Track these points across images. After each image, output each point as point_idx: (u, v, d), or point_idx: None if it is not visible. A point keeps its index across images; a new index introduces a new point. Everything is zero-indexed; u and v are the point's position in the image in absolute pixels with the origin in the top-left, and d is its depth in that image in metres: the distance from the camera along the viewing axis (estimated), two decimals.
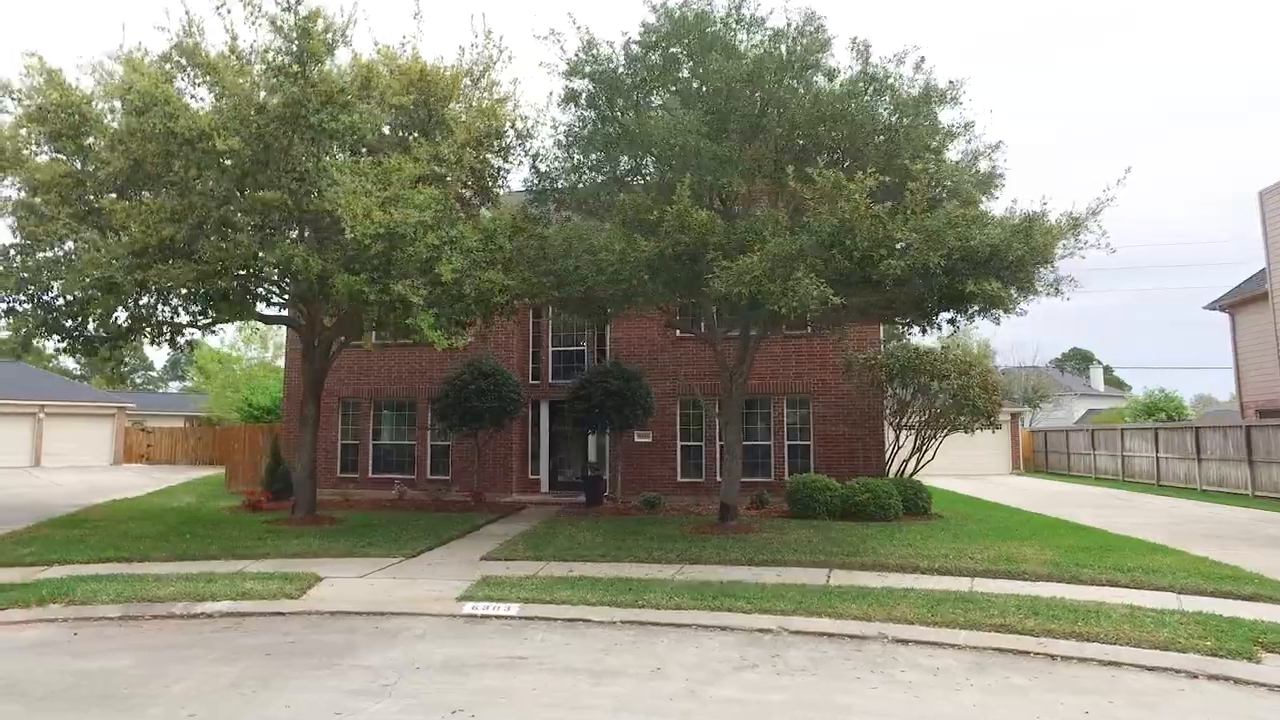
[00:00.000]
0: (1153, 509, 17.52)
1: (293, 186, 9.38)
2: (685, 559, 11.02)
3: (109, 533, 12.88)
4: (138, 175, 9.94)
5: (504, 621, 8.18)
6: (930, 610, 8.10)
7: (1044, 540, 12.18)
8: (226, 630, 7.76)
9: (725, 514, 13.34)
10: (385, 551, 11.54)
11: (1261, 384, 24.36)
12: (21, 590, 8.84)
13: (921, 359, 15.77)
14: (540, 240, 11.17)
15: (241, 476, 22.29)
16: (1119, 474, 28.14)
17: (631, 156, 10.73)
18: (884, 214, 8.96)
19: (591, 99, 10.93)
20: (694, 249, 9.30)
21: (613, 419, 16.26)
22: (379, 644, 7.23)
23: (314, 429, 14.38)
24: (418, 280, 9.71)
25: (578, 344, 20.47)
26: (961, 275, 8.96)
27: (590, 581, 9.49)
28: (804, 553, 11.28)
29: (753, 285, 8.79)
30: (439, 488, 19.06)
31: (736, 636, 7.68)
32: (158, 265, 9.55)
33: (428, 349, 19.91)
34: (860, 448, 18.02)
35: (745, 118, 10.19)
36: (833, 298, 8.62)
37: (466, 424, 16.77)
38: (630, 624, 8.07)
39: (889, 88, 10.31)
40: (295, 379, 20.62)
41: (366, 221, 8.74)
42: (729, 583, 9.40)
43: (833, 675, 6.45)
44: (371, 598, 9.02)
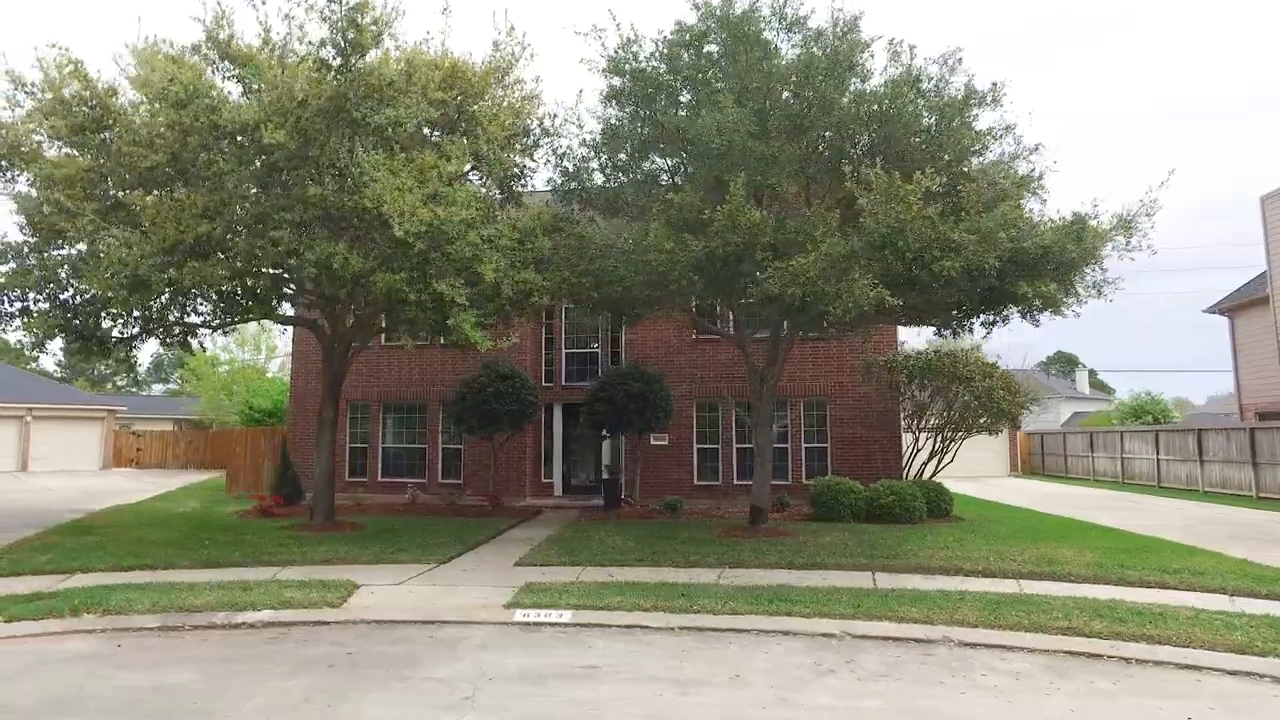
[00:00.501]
0: (1163, 511, 17.66)
1: (332, 183, 9.13)
2: (724, 563, 10.89)
3: (124, 540, 12.50)
4: (173, 170, 9.63)
5: (560, 629, 7.99)
6: (991, 613, 8.03)
7: (1075, 542, 12.19)
8: (275, 642, 7.50)
9: (755, 517, 13.23)
10: (416, 557, 11.29)
11: (1261, 387, 24.71)
12: (52, 600, 8.51)
13: (943, 361, 15.77)
14: (578, 240, 11.00)
15: (243, 480, 21.85)
16: (1118, 476, 28.41)
17: (675, 156, 10.56)
18: (935, 215, 8.90)
19: (634, 97, 10.75)
20: (743, 249, 9.18)
21: (635, 421, 16.09)
22: (441, 654, 7.02)
23: (332, 432, 14.10)
24: (455, 280, 9.49)
25: (590, 346, 20.29)
26: (1013, 276, 8.92)
27: (637, 587, 9.33)
28: (842, 556, 11.20)
29: (807, 286, 8.69)
30: (450, 492, 18.78)
31: (801, 641, 7.56)
32: (191, 263, 9.24)
33: (438, 350, 19.74)
34: (878, 450, 17.99)
35: (788, 117, 10.10)
36: (889, 298, 8.55)
37: (485, 427, 16.53)
38: (689, 630, 7.92)
39: (932, 89, 10.27)
40: (301, 381, 20.28)
41: (412, 219, 8.52)
42: (778, 587, 9.28)
43: (915, 680, 6.34)
44: (415, 606, 8.79)
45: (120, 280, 9.32)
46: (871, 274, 8.63)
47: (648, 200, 11.90)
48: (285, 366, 36.06)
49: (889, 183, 8.60)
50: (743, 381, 18.65)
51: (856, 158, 10.65)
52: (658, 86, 10.58)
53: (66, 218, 9.59)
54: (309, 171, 9.21)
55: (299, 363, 20.29)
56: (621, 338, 19.77)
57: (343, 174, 9.10)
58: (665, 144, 10.57)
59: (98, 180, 10.14)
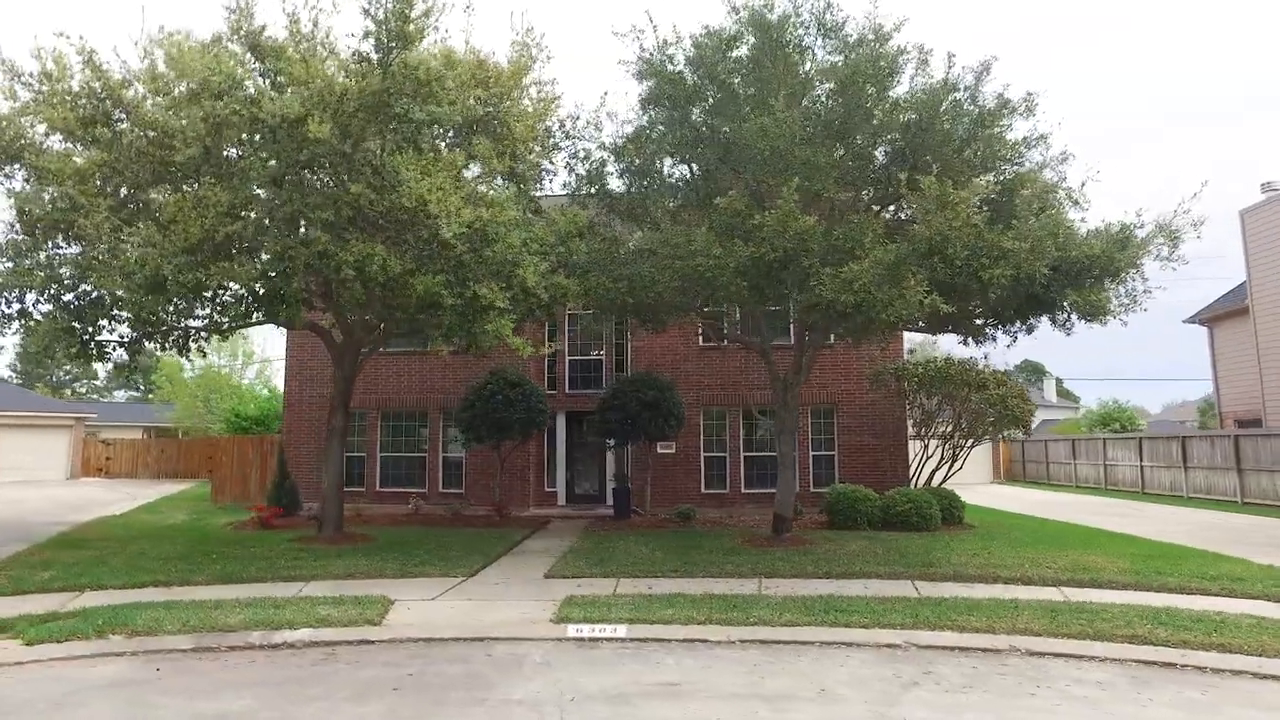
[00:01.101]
0: (1160, 516, 17.98)
1: (369, 181, 8.76)
2: (759, 572, 10.73)
3: (124, 554, 11.88)
4: (204, 165, 9.16)
5: (619, 645, 7.74)
6: (1051, 621, 8.00)
7: (1099, 549, 12.30)
8: (324, 663, 7.12)
9: (779, 526, 13.10)
10: (441, 571, 10.92)
11: (1240, 395, 25.45)
12: (71, 620, 7.99)
13: (956, 369, 15.88)
14: (612, 243, 10.79)
15: (229, 490, 21.12)
16: (1100, 482, 28.98)
17: (709, 160, 10.41)
18: (982, 223, 8.91)
19: (671, 99, 10.58)
20: (790, 255, 9.08)
21: (649, 429, 15.87)
22: (508, 674, 6.72)
23: (342, 441, 13.62)
24: (491, 283, 9.20)
25: (592, 354, 20.04)
26: (1058, 285, 8.97)
27: (684, 599, 9.11)
28: (876, 564, 11.12)
29: (861, 293, 8.62)
30: (452, 501, 18.33)
31: (869, 653, 7.43)
32: (220, 263, 8.78)
33: (438, 357, 19.29)
34: (884, 457, 18.04)
35: (825, 124, 10.05)
36: (943, 305, 8.51)
37: (495, 435, 16.15)
38: (751, 643, 7.74)
39: (966, 98, 10.31)
40: (296, 388, 19.68)
41: (457, 219, 8.21)
42: (826, 597, 9.14)
43: (1002, 692, 6.24)
44: (459, 622, 8.45)
45: (139, 281, 8.83)
46: (924, 282, 8.59)
47: (678, 205, 11.75)
48: (262, 373, 35.08)
49: (941, 190, 8.58)
50: (749, 390, 18.62)
51: (898, 165, 10.64)
52: (695, 90, 10.44)
53: (80, 214, 9.05)
54: (347, 168, 8.83)
55: (294, 369, 19.67)
56: (626, 345, 19.57)
57: (378, 172, 8.75)
58: (703, 148, 10.42)
59: (111, 175, 9.63)
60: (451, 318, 9.52)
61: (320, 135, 8.16)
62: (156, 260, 8.62)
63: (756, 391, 18.45)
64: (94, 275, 9.47)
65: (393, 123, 8.79)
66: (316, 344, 19.62)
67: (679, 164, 11.28)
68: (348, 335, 12.70)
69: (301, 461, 18.87)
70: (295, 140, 8.43)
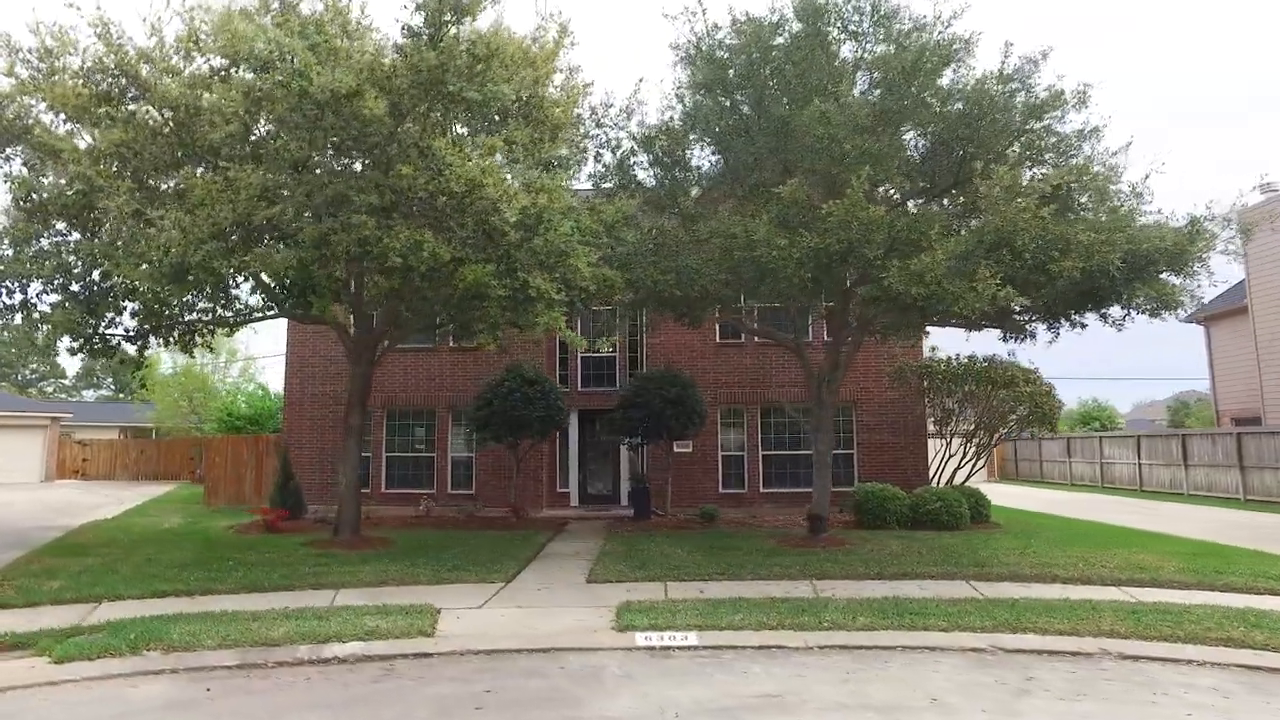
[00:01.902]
0: (1178, 514, 17.99)
1: (419, 163, 8.21)
2: (809, 574, 10.39)
3: (133, 562, 11.17)
4: (243, 143, 8.55)
5: (693, 653, 7.33)
6: (1135, 623, 7.76)
7: (1142, 547, 12.17)
8: (386, 679, 6.61)
9: (816, 525, 12.79)
10: (478, 576, 10.41)
11: (1237, 394, 25.75)
12: (99, 635, 7.36)
13: (983, 366, 15.71)
14: (658, 233, 10.36)
15: (223, 492, 20.33)
16: (1097, 480, 29.16)
17: (770, 150, 10.01)
18: (1049, 215, 8.66)
19: (722, 85, 10.16)
20: (854, 246, 8.74)
21: (671, 428, 15.46)
22: (591, 689, 6.27)
23: (359, 440, 13.01)
24: (542, 273, 8.72)
25: (603, 351, 19.54)
26: (1124, 278, 8.75)
27: (745, 604, 8.72)
28: (924, 564, 10.84)
29: (933, 285, 8.31)
30: (461, 503, 17.75)
31: (957, 658, 7.12)
32: (256, 249, 8.18)
33: (447, 353, 18.71)
34: (905, 456, 17.84)
35: (884, 112, 9.73)
36: (1017, 298, 8.24)
37: (512, 434, 15.62)
38: (831, 649, 7.38)
39: (1020, 88, 10.07)
40: (297, 386, 18.95)
41: (514, 204, 7.73)
42: (893, 600, 8.81)
43: (1121, 700, 5.95)
44: (515, 632, 7.97)
45: (164, 269, 8.21)
46: (997, 274, 8.30)
47: (706, 195, 11.35)
48: (247, 371, 34.02)
49: (1013, 179, 8.31)
50: (766, 387, 18.30)
51: (944, 156, 10.38)
52: (746, 73, 10.04)
53: (100, 195, 8.38)
54: (398, 150, 8.28)
55: (295, 366, 18.92)
56: (641, 342, 19.13)
57: (425, 154, 8.22)
58: (753, 136, 10.03)
59: (130, 157, 8.96)
60: (497, 309, 9.02)
61: (376, 112, 7.61)
62: (183, 246, 7.99)
63: (775, 389, 18.15)
64: (110, 263, 8.78)
65: (444, 102, 8.26)
66: (319, 340, 18.96)
67: (721, 152, 10.87)
68: (368, 330, 12.10)
69: (303, 462, 18.15)
70: (343, 118, 7.86)
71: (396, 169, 8.05)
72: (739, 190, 11.20)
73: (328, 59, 8.05)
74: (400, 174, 7.99)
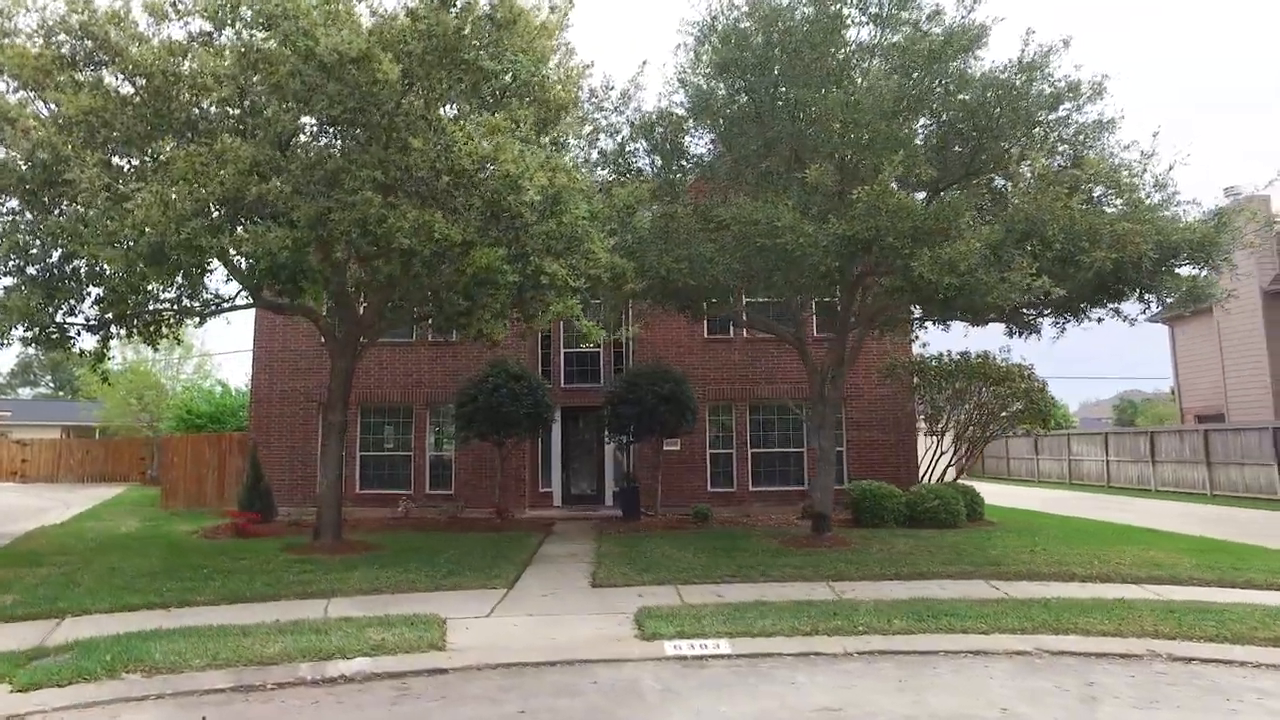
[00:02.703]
0: (1157, 511, 18.22)
1: (429, 136, 7.53)
2: (823, 575, 10.04)
3: (94, 571, 10.23)
4: (237, 109, 7.75)
5: (729, 662, 6.88)
6: (1177, 623, 7.58)
7: (1147, 544, 12.17)
8: (403, 700, 5.99)
9: (820, 524, 12.46)
10: (478, 581, 9.78)
11: (1201, 393, 26.45)
12: (68, 657, 6.56)
13: (977, 362, 15.62)
14: (670, 219, 9.86)
15: (183, 494, 19.17)
16: (1065, 477, 29.66)
17: (791, 135, 9.58)
18: (1077, 206, 8.45)
19: (739, 66, 9.69)
20: (880, 234, 8.39)
21: (665, 424, 14.99)
22: (633, 707, 5.76)
23: (341, 437, 12.23)
24: (555, 259, 8.14)
25: (583, 346, 18.96)
26: (1151, 269, 8.60)
27: (769, 608, 8.30)
28: (938, 564, 10.59)
29: (966, 275, 8.00)
30: (439, 503, 16.99)
31: (1005, 662, 6.84)
32: (247, 227, 7.39)
33: (425, 348, 17.90)
34: (894, 454, 17.69)
35: (907, 99, 9.41)
36: (1052, 288, 7.99)
37: (497, 432, 14.94)
38: (872, 655, 7.02)
39: (1040, 78, 9.87)
40: (265, 381, 17.94)
41: (534, 181, 7.15)
42: (920, 601, 8.50)
43: (1195, 707, 5.69)
44: (531, 643, 7.40)
45: (139, 249, 7.39)
46: (1032, 264, 8.04)
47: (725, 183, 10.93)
48: (202, 368, 32.44)
49: (1045, 168, 8.06)
50: (755, 383, 17.96)
51: (961, 144, 10.13)
52: (764, 55, 9.60)
53: (67, 167, 7.50)
54: (404, 121, 7.58)
55: (263, 361, 17.90)
56: (626, 337, 18.60)
57: (434, 128, 7.56)
58: (770, 120, 9.61)
59: (99, 126, 8.08)
60: (506, 297, 8.40)
61: (389, 77, 6.91)
62: (163, 223, 7.18)
63: (765, 385, 17.85)
64: (75, 243, 7.88)
65: (459, 71, 7.60)
66: (289, 333, 17.98)
67: (731, 139, 10.42)
68: (353, 321, 11.33)
69: (272, 462, 17.16)
70: (347, 85, 7.14)
71: (404, 141, 7.36)
72: (748, 177, 10.78)
73: (331, 21, 7.33)
74: (411, 147, 7.30)
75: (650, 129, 12.07)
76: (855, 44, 10.07)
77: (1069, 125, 9.89)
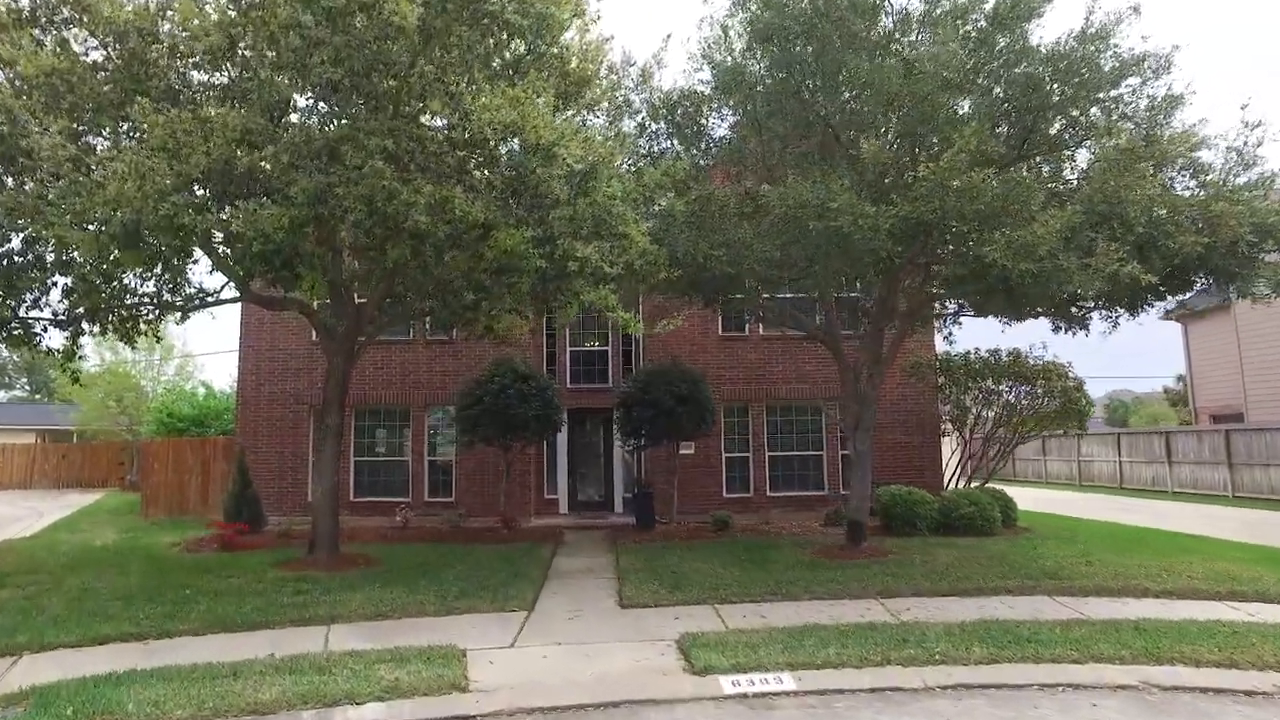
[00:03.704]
0: (1184, 514, 17.57)
1: (446, 100, 6.58)
2: (872, 591, 9.19)
3: (64, 593, 9.18)
4: (223, 60, 6.75)
5: (798, 701, 6.00)
6: None
7: (1209, 554, 11.45)
8: None
9: (856, 533, 11.61)
10: (493, 603, 8.83)
11: (1217, 392, 25.87)
12: (20, 709, 5.55)
13: (1009, 360, 14.85)
14: (706, 202, 8.95)
15: (164, 501, 18.06)
16: (1075, 479, 29.06)
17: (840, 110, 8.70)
18: (1159, 185, 7.65)
19: (785, 34, 8.76)
20: (948, 215, 7.53)
21: (683, 427, 14.09)
22: None
23: (337, 442, 11.25)
24: (585, 243, 7.22)
25: (589, 345, 18.05)
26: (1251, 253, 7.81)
27: (830, 632, 7.44)
28: (991, 577, 9.77)
29: (1049, 260, 7.17)
30: (439, 511, 15.97)
31: (1112, 699, 6.02)
32: (237, 204, 6.40)
33: (423, 346, 16.88)
34: (918, 456, 16.90)
35: (965, 69, 8.56)
36: (1144, 275, 7.16)
37: (505, 435, 13.98)
38: (958, 689, 6.18)
39: (1110, 48, 9.05)
40: (252, 382, 16.86)
41: (570, 153, 6.23)
42: (1000, 623, 7.66)
43: None
44: (568, 679, 6.48)
45: (112, 230, 6.39)
46: (1118, 249, 7.22)
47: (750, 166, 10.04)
48: (184, 369, 31.19)
49: (1130, 144, 7.26)
50: (772, 382, 17.10)
51: (1012, 121, 9.30)
52: (811, 24, 8.68)
53: (22, 132, 6.49)
54: (419, 82, 6.61)
55: (250, 361, 16.81)
56: (635, 335, 17.69)
57: (451, 94, 6.60)
58: (815, 92, 8.73)
59: (64, 91, 7.06)
60: (529, 285, 7.44)
61: (406, 23, 5.94)
62: (138, 200, 6.18)
63: (782, 385, 17.01)
64: (40, 224, 6.84)
65: (484, 22, 6.65)
66: (278, 331, 16.91)
67: (768, 116, 9.52)
68: (353, 315, 10.33)
69: (259, 468, 16.09)
70: (354, 38, 6.17)
71: (417, 107, 6.40)
72: (786, 159, 9.89)
73: None
74: (429, 110, 6.34)
75: (672, 109, 11.18)
76: (903, 10, 9.21)
77: (1139, 99, 9.08)
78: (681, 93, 11.20)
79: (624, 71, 11.09)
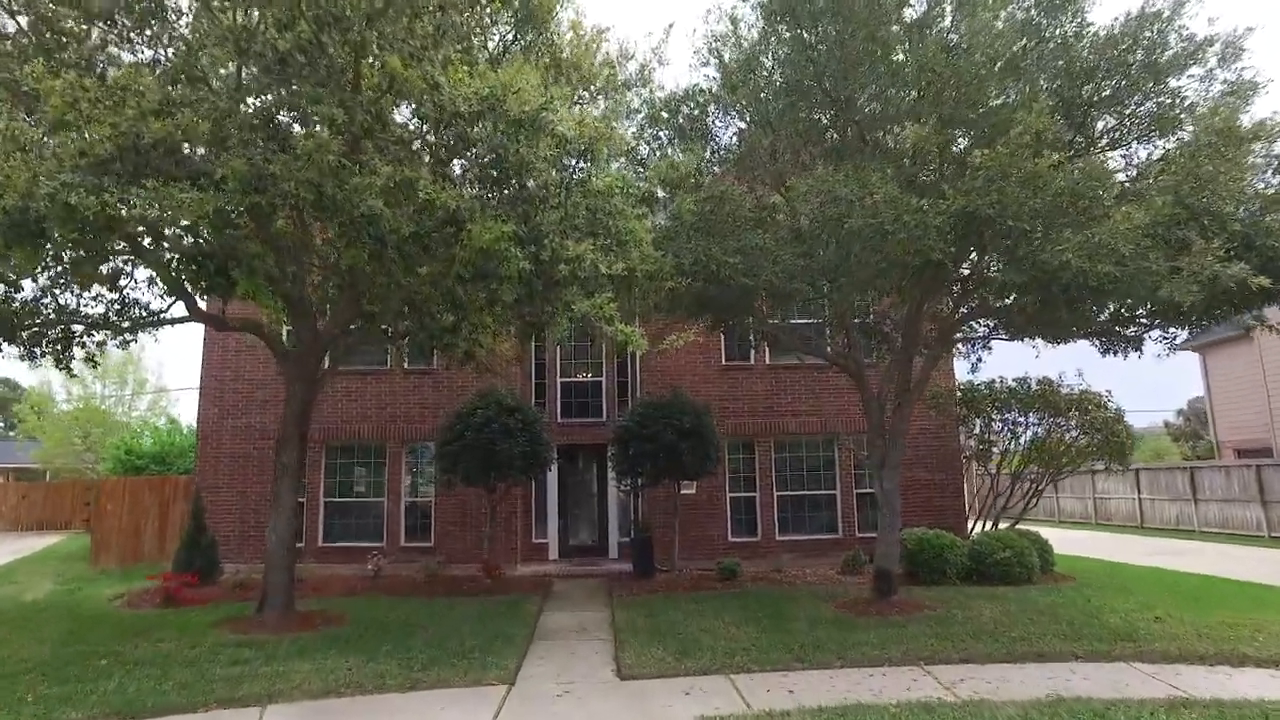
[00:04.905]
0: (1219, 554, 16.27)
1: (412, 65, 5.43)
2: (914, 656, 7.81)
3: None
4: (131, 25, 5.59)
5: None
6: None
7: None
8: None
9: (884, 585, 10.24)
10: (467, 674, 7.40)
11: (1240, 424, 24.70)
12: None
13: (1037, 390, 13.64)
14: (720, 201, 7.78)
15: (116, 547, 16.44)
16: (1090, 517, 27.68)
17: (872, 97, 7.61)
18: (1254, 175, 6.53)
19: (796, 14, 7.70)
20: (1008, 209, 6.38)
21: (686, 464, 12.74)
22: None
23: (295, 481, 9.85)
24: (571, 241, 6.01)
25: (580, 375, 16.78)
26: None
27: (878, 714, 6.04)
28: (1049, 638, 8.40)
29: (1135, 261, 6.00)
30: (417, 558, 14.45)
31: None
32: (149, 183, 5.16)
33: (400, 376, 15.56)
34: (939, 495, 15.58)
35: (998, 57, 7.51)
36: (1255, 280, 5.98)
37: (487, 475, 12.58)
38: None
39: (1159, 35, 8.06)
40: (214, 415, 15.43)
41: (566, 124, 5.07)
42: (1082, 703, 6.30)
43: None
44: None
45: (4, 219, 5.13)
46: (1219, 249, 6.06)
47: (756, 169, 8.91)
48: (158, 405, 29.71)
49: (1226, 123, 6.16)
50: (780, 415, 15.82)
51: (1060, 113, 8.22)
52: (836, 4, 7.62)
53: None
54: (377, 39, 5.47)
55: (211, 392, 15.42)
56: (631, 365, 16.45)
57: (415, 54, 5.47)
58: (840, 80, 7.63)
59: None
60: (510, 293, 6.18)
61: None
62: (29, 181, 4.95)
63: (791, 418, 15.71)
64: None
65: None
66: (242, 359, 15.57)
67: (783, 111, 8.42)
68: (312, 335, 9.04)
69: (219, 510, 14.63)
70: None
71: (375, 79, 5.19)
72: (802, 161, 8.78)
73: None
74: (390, 70, 5.15)
75: (675, 109, 10.11)
76: None
77: (1211, 85, 8.04)
78: (686, 91, 10.14)
79: (621, 65, 10.02)
